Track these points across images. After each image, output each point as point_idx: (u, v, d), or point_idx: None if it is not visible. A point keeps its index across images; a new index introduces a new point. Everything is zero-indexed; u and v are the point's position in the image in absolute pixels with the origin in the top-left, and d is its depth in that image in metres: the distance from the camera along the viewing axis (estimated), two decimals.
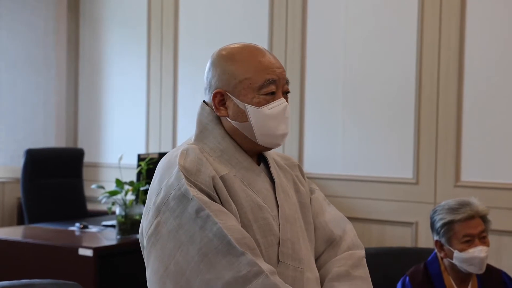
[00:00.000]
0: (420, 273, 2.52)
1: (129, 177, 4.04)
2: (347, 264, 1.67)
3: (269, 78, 1.60)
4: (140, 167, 3.83)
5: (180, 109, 4.96)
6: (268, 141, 1.62)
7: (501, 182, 3.82)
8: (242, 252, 1.46)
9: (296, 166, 1.79)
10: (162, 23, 5.04)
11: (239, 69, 1.60)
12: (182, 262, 1.48)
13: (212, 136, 1.63)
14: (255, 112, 1.59)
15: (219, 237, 1.47)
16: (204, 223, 1.48)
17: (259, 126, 1.60)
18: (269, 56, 1.63)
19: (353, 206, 4.23)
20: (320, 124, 4.39)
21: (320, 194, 1.80)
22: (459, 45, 3.92)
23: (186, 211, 1.50)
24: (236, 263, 1.46)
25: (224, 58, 1.63)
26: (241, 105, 1.60)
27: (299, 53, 4.43)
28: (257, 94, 1.59)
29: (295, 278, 1.59)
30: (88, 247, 3.49)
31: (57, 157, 4.82)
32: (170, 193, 1.53)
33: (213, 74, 1.63)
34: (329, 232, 1.73)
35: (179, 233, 1.49)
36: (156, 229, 1.53)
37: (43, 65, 5.34)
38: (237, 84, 1.60)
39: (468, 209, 2.46)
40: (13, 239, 3.75)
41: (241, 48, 1.64)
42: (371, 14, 4.22)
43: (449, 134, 3.96)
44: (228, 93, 1.61)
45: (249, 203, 1.58)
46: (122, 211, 3.70)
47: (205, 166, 1.56)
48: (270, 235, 1.58)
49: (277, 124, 1.60)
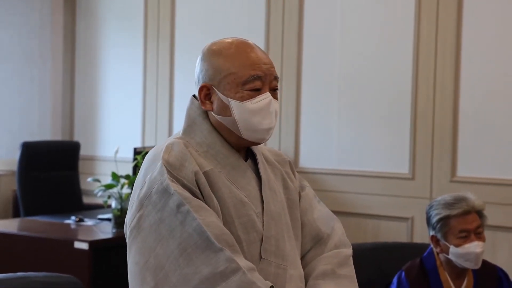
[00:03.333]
0: (416, 268, 2.53)
1: (125, 170, 4.04)
2: (333, 263, 1.67)
3: (254, 74, 1.59)
4: (136, 161, 3.83)
5: (176, 102, 4.95)
6: (253, 136, 1.62)
7: (497, 177, 3.83)
8: (221, 248, 1.47)
9: (287, 163, 1.78)
10: (158, 15, 5.03)
11: (225, 64, 1.60)
12: (161, 256, 1.49)
13: (199, 130, 1.64)
14: (238, 107, 1.59)
15: (198, 233, 1.48)
16: (184, 218, 1.49)
17: (242, 120, 1.60)
18: (258, 52, 1.63)
19: (348, 201, 4.23)
20: (316, 119, 4.39)
21: (310, 191, 1.80)
22: (456, 41, 3.92)
23: (168, 205, 1.51)
24: (214, 259, 1.47)
25: (212, 53, 1.63)
26: (225, 100, 1.60)
27: (295, 48, 4.42)
28: (241, 89, 1.59)
29: (277, 275, 1.59)
30: (83, 240, 3.49)
31: (53, 150, 4.82)
32: (153, 187, 1.54)
33: (201, 68, 1.64)
34: (316, 230, 1.72)
35: (160, 227, 1.51)
36: (138, 222, 1.54)
37: (38, 57, 5.32)
38: (222, 78, 1.60)
39: (464, 204, 2.46)
40: (8, 232, 3.74)
41: (230, 43, 1.63)
42: (368, 9, 4.22)
43: (445, 130, 3.96)
44: (214, 87, 1.61)
45: (232, 199, 1.58)
46: (118, 204, 3.69)
47: (189, 161, 1.56)
48: (252, 231, 1.58)
49: (261, 118, 1.60)
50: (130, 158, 4.11)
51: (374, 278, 2.63)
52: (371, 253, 2.72)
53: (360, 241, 3.81)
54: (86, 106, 5.39)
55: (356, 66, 4.25)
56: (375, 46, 4.19)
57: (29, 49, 5.28)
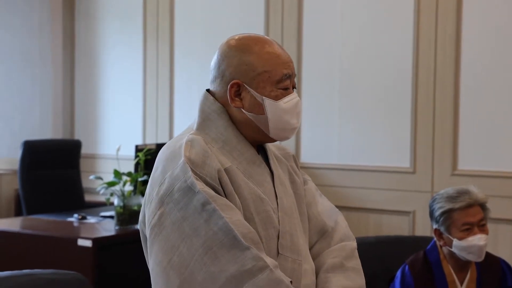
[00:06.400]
0: (420, 261, 2.54)
1: (127, 168, 4.04)
2: (341, 256, 1.68)
3: (286, 72, 1.61)
4: (138, 158, 3.83)
5: (177, 100, 4.95)
6: (279, 134, 1.63)
7: (498, 170, 3.84)
8: (247, 246, 1.46)
9: (291, 157, 1.79)
10: (158, 15, 5.03)
11: (258, 61, 1.59)
12: (186, 254, 1.48)
13: (214, 126, 1.62)
14: (273, 106, 1.59)
15: (224, 231, 1.47)
16: (210, 216, 1.48)
17: (275, 119, 1.60)
18: (283, 51, 1.64)
19: (350, 196, 4.24)
20: (317, 114, 4.39)
21: (312, 185, 1.80)
22: (456, 35, 3.92)
23: (191, 203, 1.50)
24: (241, 257, 1.46)
25: (240, 49, 1.61)
26: (258, 98, 1.59)
27: (295, 43, 4.43)
28: (275, 87, 1.60)
29: (293, 270, 1.59)
30: (87, 237, 3.50)
31: (55, 149, 4.82)
32: (175, 184, 1.52)
33: (227, 64, 1.61)
34: (321, 223, 1.73)
35: (183, 225, 1.49)
36: (159, 220, 1.52)
37: (38, 56, 5.33)
38: (256, 76, 1.59)
39: (467, 197, 2.47)
40: (11, 230, 3.74)
41: (257, 40, 1.63)
42: (367, 4, 4.22)
43: (446, 123, 3.97)
44: (245, 85, 1.60)
45: (251, 196, 1.58)
46: (121, 201, 3.70)
47: (211, 158, 1.55)
48: (270, 227, 1.58)
49: (290, 118, 1.61)
50: (132, 155, 4.11)
51: (377, 272, 2.63)
52: (375, 247, 2.73)
53: (362, 235, 3.82)
54: (87, 104, 5.39)
55: (356, 61, 4.26)
56: (375, 40, 4.19)
57: (29, 48, 5.28)
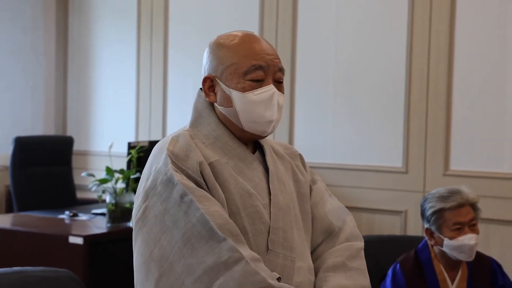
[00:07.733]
0: (411, 261, 2.54)
1: (119, 165, 4.03)
2: (344, 255, 1.66)
3: (255, 64, 1.59)
4: (131, 155, 3.82)
5: (170, 97, 4.94)
6: (254, 128, 1.61)
7: (489, 171, 3.85)
8: (224, 237, 1.47)
9: (298, 156, 1.79)
10: (152, 11, 5.02)
11: (227, 55, 1.60)
12: (166, 246, 1.50)
13: (206, 122, 1.64)
14: (240, 97, 1.59)
15: (201, 223, 1.48)
16: (188, 208, 1.50)
17: (244, 111, 1.59)
18: (262, 43, 1.62)
19: (342, 195, 4.24)
20: (311, 113, 4.39)
21: (322, 184, 1.80)
22: (449, 35, 3.93)
23: (172, 196, 1.51)
24: (217, 249, 1.47)
25: (216, 45, 1.64)
26: (227, 90, 1.60)
27: (290, 41, 4.43)
28: (242, 79, 1.59)
29: (285, 267, 1.58)
30: (78, 235, 3.48)
31: (46, 145, 4.80)
32: (158, 178, 1.54)
33: (206, 60, 1.65)
34: (328, 223, 1.72)
35: (165, 218, 1.51)
36: (143, 213, 1.55)
37: (31, 52, 5.30)
38: (225, 69, 1.60)
39: (458, 197, 2.48)
40: (2, 227, 3.73)
41: (235, 36, 1.63)
42: (363, 3, 4.22)
43: (438, 124, 3.98)
44: (217, 79, 1.61)
45: (238, 190, 1.58)
46: (112, 199, 3.69)
47: (194, 152, 1.56)
48: (259, 222, 1.58)
49: (263, 110, 1.59)
50: (124, 152, 4.10)
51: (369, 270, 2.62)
52: (366, 246, 2.68)
53: None
54: (79, 101, 5.37)
55: (350, 60, 4.26)
56: (369, 40, 4.20)
57: (22, 44, 5.26)
